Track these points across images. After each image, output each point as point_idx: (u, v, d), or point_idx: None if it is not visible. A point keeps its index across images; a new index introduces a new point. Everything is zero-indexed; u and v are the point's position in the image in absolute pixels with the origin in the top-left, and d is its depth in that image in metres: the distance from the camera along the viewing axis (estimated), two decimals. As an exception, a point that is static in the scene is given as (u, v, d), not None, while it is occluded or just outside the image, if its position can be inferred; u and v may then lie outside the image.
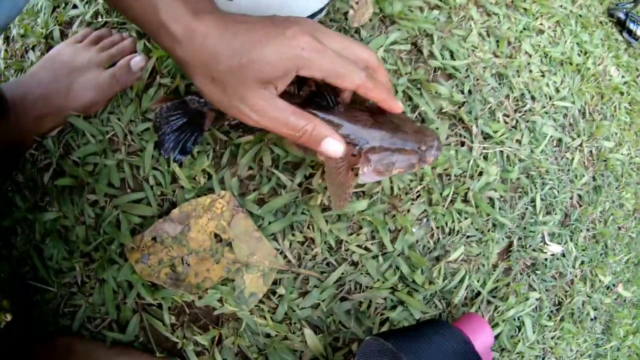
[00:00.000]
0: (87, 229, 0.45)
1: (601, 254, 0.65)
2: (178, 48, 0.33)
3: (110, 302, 0.44)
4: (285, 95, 0.33)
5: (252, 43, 0.31)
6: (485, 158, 0.51)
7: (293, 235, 0.45)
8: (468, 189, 0.49)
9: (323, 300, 0.46)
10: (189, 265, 0.45)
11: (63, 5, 0.57)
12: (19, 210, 0.47)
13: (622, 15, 0.79)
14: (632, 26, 0.79)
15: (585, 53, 0.68)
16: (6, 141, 0.47)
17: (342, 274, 0.46)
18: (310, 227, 0.45)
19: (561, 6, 0.68)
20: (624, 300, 0.74)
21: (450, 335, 0.41)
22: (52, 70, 0.48)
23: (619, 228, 0.68)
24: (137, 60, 0.48)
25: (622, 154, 0.68)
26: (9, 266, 0.47)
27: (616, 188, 0.67)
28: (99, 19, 0.54)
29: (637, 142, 0.72)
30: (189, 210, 0.45)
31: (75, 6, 0.55)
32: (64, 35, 0.55)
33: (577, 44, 0.67)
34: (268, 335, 0.45)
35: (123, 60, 0.49)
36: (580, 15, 0.71)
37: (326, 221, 0.45)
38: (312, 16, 0.49)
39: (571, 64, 0.64)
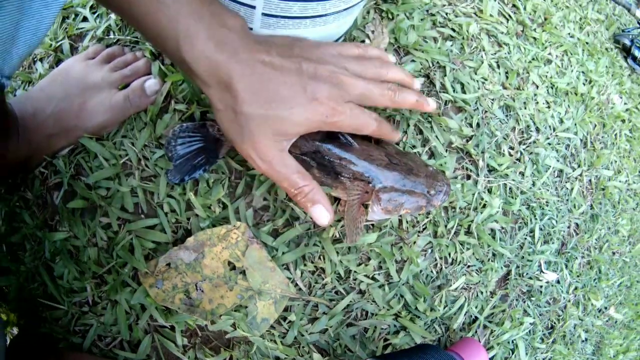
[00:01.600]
0: (99, 251, 0.50)
1: (595, 279, 0.73)
2: (201, 84, 0.37)
3: (123, 323, 0.49)
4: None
5: (280, 101, 0.36)
6: (490, 191, 0.58)
7: (305, 265, 0.51)
8: (471, 221, 0.56)
9: (331, 326, 0.52)
10: (202, 291, 0.51)
11: (73, 16, 0.60)
12: (28, 227, 0.52)
13: (627, 42, 0.87)
14: (637, 52, 0.86)
15: (590, 82, 0.75)
16: (15, 158, 0.50)
17: (350, 301, 0.52)
18: (322, 257, 0.52)
19: (569, 34, 0.76)
20: (615, 322, 0.83)
21: (443, 358, 0.48)
22: (64, 86, 0.51)
23: (613, 253, 0.77)
24: (152, 84, 0.52)
25: (620, 182, 0.76)
26: (17, 281, 0.52)
27: (612, 215, 0.75)
28: (111, 35, 0.58)
29: (635, 168, 0.80)
30: (204, 238, 0.51)
31: (85, 19, 0.59)
32: (73, 49, 0.59)
33: (583, 72, 0.74)
34: (278, 358, 0.51)
35: (137, 82, 0.52)
36: (587, 43, 0.78)
37: (337, 252, 0.51)
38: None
39: (576, 94, 0.71)
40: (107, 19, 0.59)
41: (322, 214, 0.41)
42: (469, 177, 0.57)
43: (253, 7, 0.44)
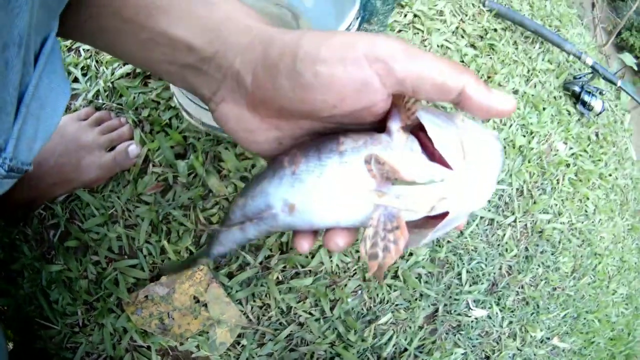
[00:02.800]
0: (89, 282, 0.67)
1: (532, 314, 0.87)
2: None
3: (108, 342, 0.66)
4: None
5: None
6: (415, 241, 0.73)
7: (254, 301, 0.68)
8: (398, 267, 0.71)
9: (276, 351, 0.69)
10: (173, 319, 0.68)
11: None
12: (26, 258, 0.70)
13: (577, 88, 1.00)
14: (586, 97, 0.99)
15: (531, 133, 0.89)
16: (20, 199, 0.66)
17: (291, 331, 0.69)
18: (267, 295, 0.68)
19: (514, 89, 0.89)
20: (563, 350, 0.96)
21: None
22: (63, 143, 0.66)
23: (554, 289, 0.90)
24: (133, 149, 0.68)
25: (561, 223, 0.89)
26: (15, 302, 0.69)
27: (552, 254, 0.89)
28: (99, 99, 0.74)
29: (580, 208, 0.93)
30: (174, 277, 0.68)
31: (77, 80, 0.76)
32: (67, 107, 0.77)
33: (523, 125, 0.88)
34: None
35: (122, 145, 0.68)
36: (533, 95, 0.92)
37: (279, 292, 0.68)
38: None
39: (514, 147, 0.85)
40: (96, 83, 0.74)
41: None
42: (395, 229, 0.72)
43: None
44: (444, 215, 0.27)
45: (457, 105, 0.27)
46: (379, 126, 0.29)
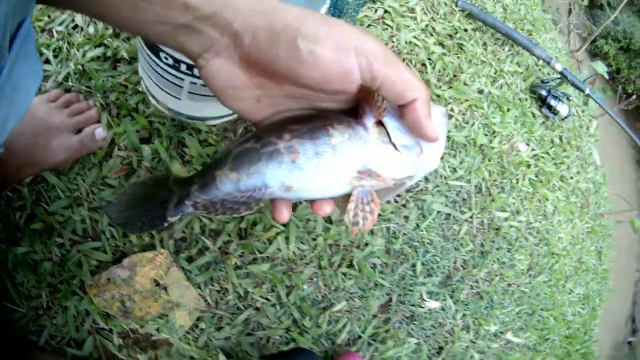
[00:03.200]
0: (53, 265, 0.71)
1: (486, 308, 0.93)
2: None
3: (71, 324, 0.70)
4: None
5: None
6: (372, 232, 0.78)
7: (212, 285, 0.72)
8: (353, 256, 0.76)
9: (233, 334, 0.73)
10: (134, 301, 0.72)
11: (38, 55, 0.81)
12: None
13: (544, 92, 1.06)
14: (552, 102, 1.05)
15: (493, 133, 0.94)
16: None
17: (248, 316, 0.73)
18: (225, 280, 0.72)
19: (479, 89, 0.94)
20: (517, 345, 1.02)
21: None
22: (32, 125, 0.66)
23: (509, 285, 0.96)
24: (100, 132, 0.72)
25: (518, 221, 0.95)
26: None
27: (508, 251, 0.94)
28: (69, 82, 0.77)
29: (539, 208, 0.99)
30: (136, 260, 0.72)
31: (48, 61, 0.78)
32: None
33: (486, 125, 0.93)
34: (192, 358, 0.72)
35: (89, 128, 0.71)
36: (498, 95, 0.97)
37: (237, 276, 0.72)
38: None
39: (475, 145, 0.91)
40: (67, 65, 0.77)
41: None
42: (353, 220, 0.77)
43: (181, 87, 0.65)
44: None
45: (402, 109, 0.34)
46: (346, 105, 0.36)
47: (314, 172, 0.35)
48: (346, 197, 0.36)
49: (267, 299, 0.74)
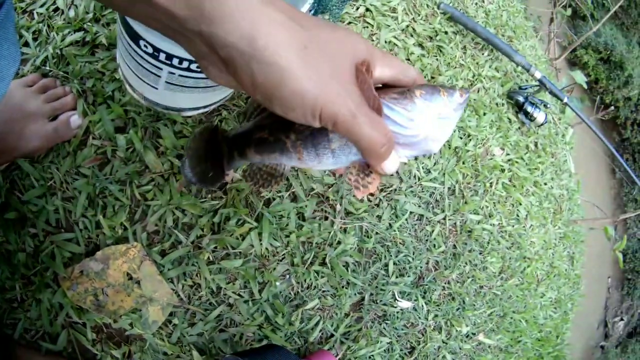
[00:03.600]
0: (27, 256, 0.71)
1: (458, 309, 0.97)
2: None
3: (45, 318, 0.70)
4: None
5: (340, 29, 0.37)
6: (345, 231, 0.81)
7: (185, 280, 0.75)
8: (326, 254, 0.79)
9: (206, 331, 0.76)
10: (107, 295, 0.74)
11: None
12: None
13: (521, 99, 1.11)
14: (529, 108, 1.10)
15: (469, 136, 0.98)
16: None
17: (221, 312, 0.76)
18: (198, 275, 0.75)
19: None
20: (489, 346, 1.07)
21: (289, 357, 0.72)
22: (7, 110, 0.66)
23: (481, 287, 1.01)
24: (75, 119, 0.73)
25: (491, 225, 0.99)
26: None
27: (480, 253, 0.99)
28: (47, 66, 0.77)
29: (511, 212, 1.04)
30: (109, 253, 0.74)
31: (27, 44, 0.78)
32: None
33: (461, 128, 0.97)
34: (165, 354, 0.75)
35: (64, 115, 0.72)
36: (475, 99, 1.02)
37: (210, 272, 0.74)
38: (219, 101, 0.77)
39: (450, 147, 0.95)
40: (45, 49, 0.77)
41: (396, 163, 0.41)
42: (326, 218, 0.80)
43: (159, 76, 0.67)
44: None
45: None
46: None
47: (317, 165, 0.43)
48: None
49: (239, 295, 0.76)
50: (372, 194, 0.85)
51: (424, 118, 0.40)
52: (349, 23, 0.94)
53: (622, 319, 3.56)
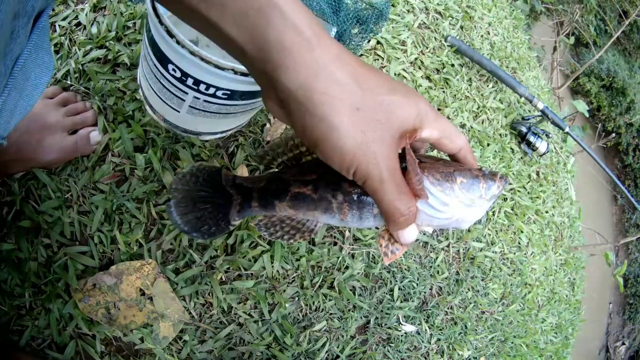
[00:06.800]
0: (39, 265, 0.72)
1: (460, 333, 0.99)
2: (309, 52, 0.33)
3: (54, 327, 0.72)
4: None
5: (401, 91, 0.37)
6: (353, 256, 0.84)
7: (197, 298, 0.77)
8: (334, 278, 0.82)
9: (216, 348, 0.78)
10: (119, 309, 0.76)
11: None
12: None
13: (524, 129, 1.14)
14: (532, 138, 1.13)
15: (474, 166, 1.02)
16: None
17: (231, 331, 0.78)
18: (210, 294, 0.77)
19: (461, 123, 1.02)
20: (489, 371, 1.09)
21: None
22: (26, 120, 0.66)
23: (483, 312, 1.03)
24: (95, 135, 0.74)
25: (493, 252, 1.02)
26: None
27: (482, 280, 1.01)
28: (68, 80, 0.79)
29: (513, 240, 1.07)
30: (123, 268, 0.76)
31: None
32: None
33: (467, 158, 1.00)
34: None
35: (84, 130, 0.72)
36: (479, 130, 1.05)
37: (222, 291, 0.77)
38: (236, 127, 0.81)
39: (455, 177, 0.98)
40: (67, 63, 0.80)
41: (414, 233, 0.42)
42: (335, 244, 0.83)
43: (183, 100, 0.70)
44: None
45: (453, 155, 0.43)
46: None
47: (355, 225, 0.44)
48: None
49: (250, 315, 0.79)
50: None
51: (459, 205, 0.41)
52: (361, 55, 0.98)
53: (623, 343, 3.55)
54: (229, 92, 0.61)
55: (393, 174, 0.37)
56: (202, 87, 0.61)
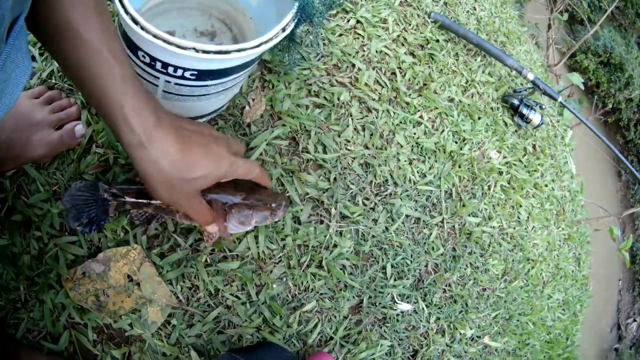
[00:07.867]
0: (32, 258, 0.73)
1: (460, 312, 0.96)
2: (140, 150, 0.51)
3: (47, 318, 0.72)
4: None
5: (200, 166, 0.55)
6: (341, 234, 0.82)
7: (184, 282, 0.76)
8: (322, 257, 0.80)
9: (205, 332, 0.76)
10: (108, 296, 0.75)
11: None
12: None
13: (516, 101, 1.11)
14: (525, 111, 1.10)
15: (463, 140, 0.99)
16: None
17: (219, 314, 0.77)
18: (196, 277, 0.76)
19: (449, 97, 1.00)
20: (495, 350, 1.05)
21: (285, 356, 0.72)
22: (14, 119, 0.70)
23: (484, 289, 1.00)
24: (79, 128, 0.76)
25: (491, 227, 0.99)
26: None
27: (481, 256, 0.98)
28: (53, 79, 0.81)
29: (511, 215, 1.03)
30: (110, 255, 0.76)
31: (34, 58, 0.82)
32: None
33: (456, 132, 0.98)
34: (164, 354, 0.76)
35: (69, 125, 0.76)
36: (469, 104, 1.03)
37: (207, 274, 0.76)
38: (215, 111, 0.80)
39: (444, 151, 0.95)
40: (51, 63, 0.83)
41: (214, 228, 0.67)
42: (322, 222, 0.81)
43: (157, 85, 0.70)
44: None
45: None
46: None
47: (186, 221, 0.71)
48: None
49: (237, 297, 0.77)
50: (366, 200, 0.86)
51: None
52: (340, 35, 0.96)
53: (635, 320, 3.45)
54: (196, 72, 0.63)
55: (194, 208, 0.60)
56: (170, 70, 0.63)
